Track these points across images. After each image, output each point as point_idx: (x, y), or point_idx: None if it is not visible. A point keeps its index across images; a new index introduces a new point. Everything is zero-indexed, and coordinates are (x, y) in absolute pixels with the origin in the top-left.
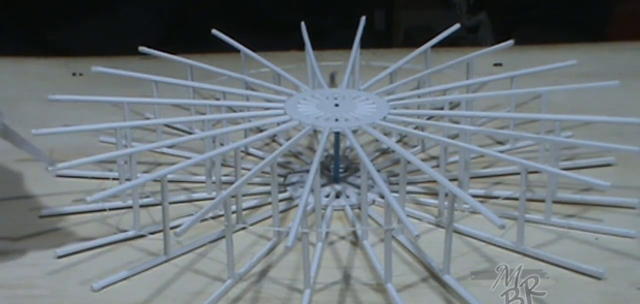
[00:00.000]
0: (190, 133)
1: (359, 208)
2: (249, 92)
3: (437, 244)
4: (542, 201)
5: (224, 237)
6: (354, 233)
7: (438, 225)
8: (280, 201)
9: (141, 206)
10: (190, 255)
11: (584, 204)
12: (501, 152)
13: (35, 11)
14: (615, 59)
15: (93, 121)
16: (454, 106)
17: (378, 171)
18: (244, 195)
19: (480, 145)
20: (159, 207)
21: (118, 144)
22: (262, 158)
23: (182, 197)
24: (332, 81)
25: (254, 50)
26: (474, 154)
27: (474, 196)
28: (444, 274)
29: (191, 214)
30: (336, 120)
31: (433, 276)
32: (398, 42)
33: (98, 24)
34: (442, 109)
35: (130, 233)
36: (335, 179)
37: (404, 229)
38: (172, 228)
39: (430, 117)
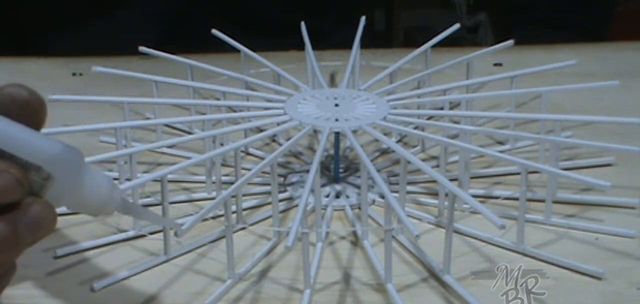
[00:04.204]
0: (190, 133)
1: (359, 208)
2: (249, 92)
3: (437, 244)
4: (542, 201)
5: (224, 237)
6: (354, 233)
7: (438, 225)
8: (280, 201)
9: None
10: (190, 255)
11: (584, 204)
12: (501, 152)
13: (35, 11)
14: (615, 59)
15: (93, 121)
16: (454, 106)
17: (378, 171)
18: (244, 195)
19: (480, 145)
20: (159, 207)
21: (118, 144)
22: (262, 158)
23: (182, 197)
24: (332, 81)
25: (254, 50)
26: (474, 154)
27: (474, 196)
28: (444, 274)
29: (191, 214)
30: (336, 120)
31: (433, 276)
32: (398, 42)
33: (98, 25)
34: (442, 109)
35: (130, 233)
36: (335, 179)
37: (404, 229)
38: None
39: (430, 117)
